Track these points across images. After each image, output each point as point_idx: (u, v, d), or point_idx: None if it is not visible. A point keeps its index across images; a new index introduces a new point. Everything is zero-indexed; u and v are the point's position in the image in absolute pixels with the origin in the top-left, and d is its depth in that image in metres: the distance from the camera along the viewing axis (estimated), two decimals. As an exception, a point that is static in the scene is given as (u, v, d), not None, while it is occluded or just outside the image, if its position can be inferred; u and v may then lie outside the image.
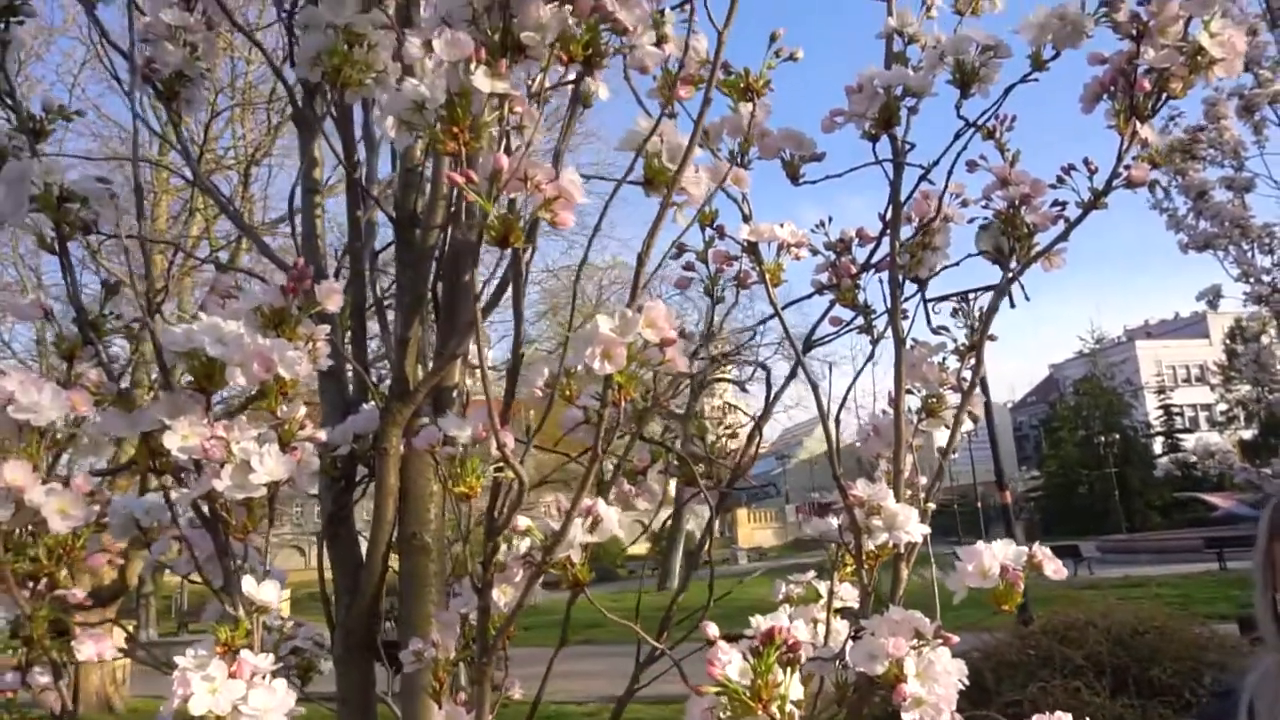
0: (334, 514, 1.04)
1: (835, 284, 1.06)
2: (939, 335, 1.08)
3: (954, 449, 1.08)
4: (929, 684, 0.77)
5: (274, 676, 0.72)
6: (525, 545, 0.81)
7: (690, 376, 0.97)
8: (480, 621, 0.81)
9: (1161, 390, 35.37)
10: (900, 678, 0.77)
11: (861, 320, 1.09)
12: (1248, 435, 26.50)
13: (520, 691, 0.98)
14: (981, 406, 1.06)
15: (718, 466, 1.05)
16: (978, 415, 1.08)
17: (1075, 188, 1.01)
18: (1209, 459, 5.28)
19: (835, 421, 1.02)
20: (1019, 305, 1.15)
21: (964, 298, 1.12)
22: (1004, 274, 1.07)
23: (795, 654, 0.64)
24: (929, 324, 1.10)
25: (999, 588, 0.85)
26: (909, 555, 0.94)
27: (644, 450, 1.04)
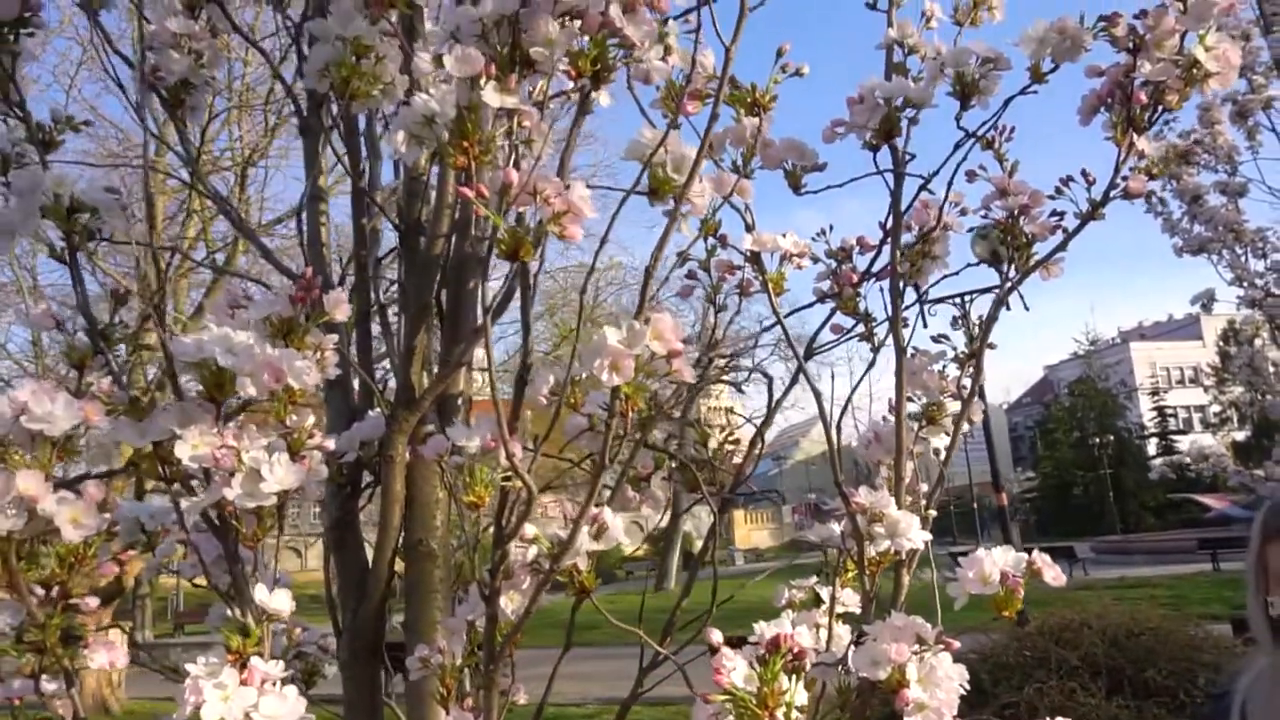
0: (339, 520, 1.04)
1: (837, 292, 1.07)
2: (939, 343, 1.10)
3: (952, 456, 1.09)
4: (931, 689, 0.78)
5: (283, 683, 0.73)
6: (532, 552, 0.82)
7: (695, 386, 0.98)
8: (488, 629, 0.82)
9: (1155, 392, 35.49)
10: (903, 683, 0.78)
11: (862, 328, 1.10)
12: (1240, 437, 26.59)
13: (525, 696, 0.99)
14: (981, 414, 1.07)
15: (721, 473, 1.06)
16: (976, 421, 1.09)
17: (1073, 198, 1.02)
18: (1203, 461, 5.31)
19: (838, 428, 1.03)
20: (1015, 308, 1.16)
21: (963, 308, 1.13)
22: (1001, 280, 1.09)
23: (801, 662, 0.65)
24: (924, 324, 1.10)
25: (999, 594, 0.86)
26: (910, 561, 0.95)
27: (647, 457, 1.05)
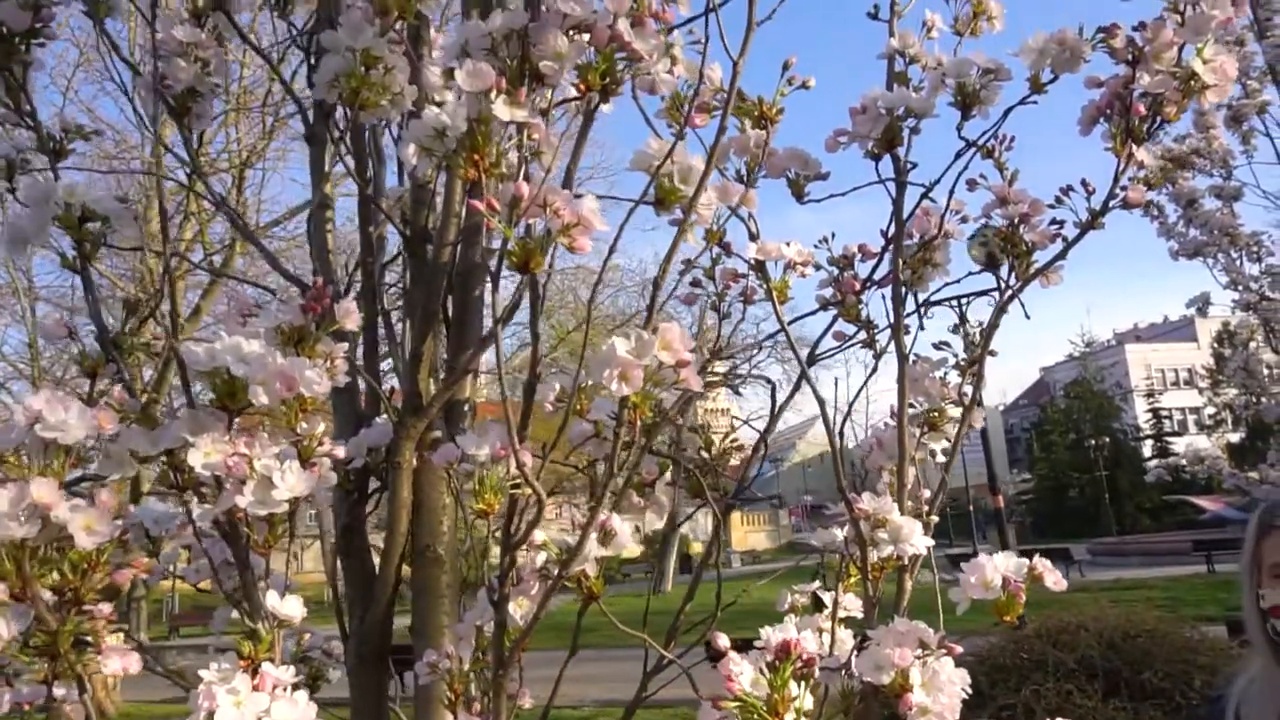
0: (347, 526, 1.05)
1: (839, 299, 1.09)
2: (940, 350, 1.11)
3: (953, 462, 1.10)
4: (934, 693, 0.79)
5: (294, 688, 0.74)
6: (541, 559, 0.83)
7: (701, 395, 0.99)
8: (496, 634, 0.83)
9: (1150, 393, 35.60)
10: (906, 687, 0.79)
11: (864, 335, 1.11)
12: (1235, 438, 26.69)
13: (530, 700, 1.00)
14: (982, 420, 1.08)
15: (724, 479, 1.07)
16: (978, 427, 1.11)
17: (1073, 207, 1.04)
18: (1199, 464, 5.34)
19: (840, 434, 1.04)
20: (1011, 309, 1.17)
21: (961, 312, 1.14)
22: (998, 283, 1.10)
23: (810, 668, 0.66)
24: (920, 325, 1.11)
25: (1001, 599, 0.87)
26: (913, 567, 0.96)
27: (652, 462, 1.06)
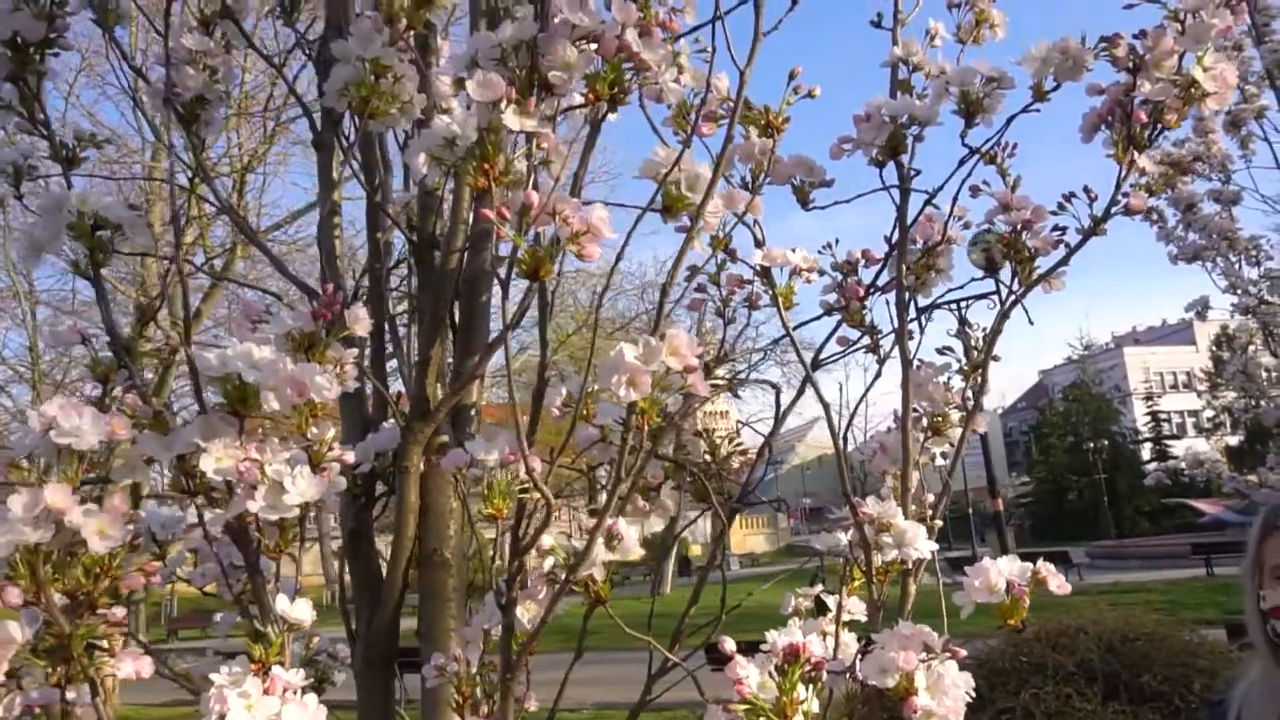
0: (354, 530, 1.06)
1: (844, 305, 1.09)
2: (943, 355, 1.12)
3: (956, 467, 1.11)
4: (939, 696, 0.80)
5: (304, 692, 0.75)
6: (549, 563, 0.84)
7: (705, 399, 1.00)
8: (504, 638, 0.83)
9: (1149, 396, 35.63)
10: (911, 690, 0.80)
11: (868, 340, 1.12)
12: (1234, 442, 26.72)
13: (535, 703, 1.00)
14: (985, 425, 1.09)
15: (728, 484, 1.08)
16: (982, 432, 1.11)
17: (1075, 214, 1.05)
18: (1198, 467, 5.35)
19: (843, 439, 1.05)
20: (1015, 317, 1.18)
21: (964, 320, 1.15)
22: (997, 286, 1.11)
23: (818, 671, 0.67)
24: (920, 329, 1.12)
25: (1004, 603, 0.88)
26: (916, 570, 0.97)
27: (657, 466, 1.06)
